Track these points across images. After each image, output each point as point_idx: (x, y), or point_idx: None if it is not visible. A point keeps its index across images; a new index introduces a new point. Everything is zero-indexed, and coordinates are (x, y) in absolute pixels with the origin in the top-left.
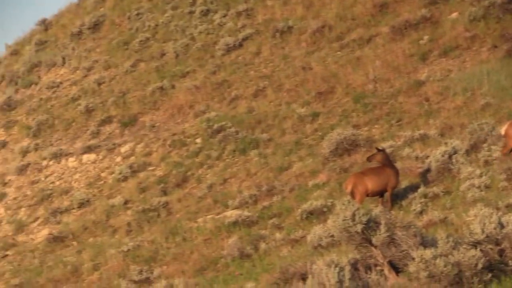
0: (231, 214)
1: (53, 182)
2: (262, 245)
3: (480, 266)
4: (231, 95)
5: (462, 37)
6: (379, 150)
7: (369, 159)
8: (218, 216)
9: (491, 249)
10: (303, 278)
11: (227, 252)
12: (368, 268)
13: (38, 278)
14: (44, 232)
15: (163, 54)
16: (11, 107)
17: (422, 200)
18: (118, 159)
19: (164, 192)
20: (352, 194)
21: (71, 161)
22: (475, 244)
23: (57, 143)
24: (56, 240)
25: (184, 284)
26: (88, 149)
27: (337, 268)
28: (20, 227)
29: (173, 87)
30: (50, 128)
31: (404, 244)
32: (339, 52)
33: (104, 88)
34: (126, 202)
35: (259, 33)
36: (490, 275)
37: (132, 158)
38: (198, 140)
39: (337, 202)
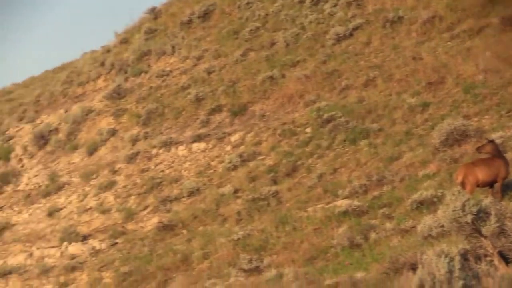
0: (341, 204)
1: (163, 171)
2: (372, 235)
3: None
4: (341, 85)
5: None
6: (489, 141)
7: (479, 149)
8: (328, 206)
9: None
10: (413, 268)
11: (337, 241)
12: (478, 258)
13: (148, 266)
14: (154, 220)
15: (273, 44)
16: (121, 96)
17: None
18: (228, 148)
19: (274, 181)
20: (463, 184)
21: (181, 150)
22: None
23: (166, 132)
24: (166, 228)
25: (294, 273)
26: (198, 138)
27: (447, 258)
28: (130, 215)
29: (283, 76)
30: (160, 116)
31: None
32: (449, 43)
33: (214, 77)
34: (236, 191)
35: (369, 23)
36: None
37: (242, 147)
38: (308, 130)
39: (447, 193)
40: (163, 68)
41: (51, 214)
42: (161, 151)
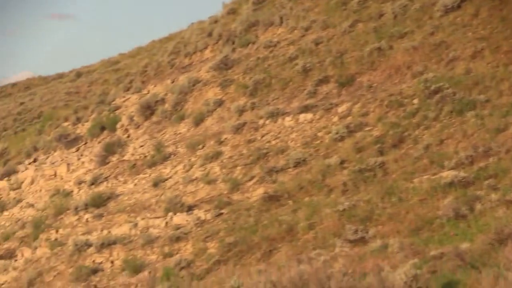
0: (447, 175)
1: (269, 141)
2: (478, 206)
3: None
4: (449, 56)
5: None
6: None
7: None
8: (434, 177)
9: None
10: None
11: (442, 212)
12: None
13: (253, 237)
14: (260, 191)
15: (381, 15)
16: (228, 66)
17: None
18: (335, 119)
19: (381, 152)
20: None
21: (288, 121)
22: None
23: (273, 103)
24: (272, 199)
25: (399, 244)
26: (305, 109)
27: None
28: (236, 186)
29: (391, 47)
30: (267, 87)
31: None
32: None
33: (322, 48)
34: (342, 162)
35: None
36: None
37: (349, 118)
38: (415, 101)
39: None
40: (270, 39)
41: (156, 184)
42: (267, 121)
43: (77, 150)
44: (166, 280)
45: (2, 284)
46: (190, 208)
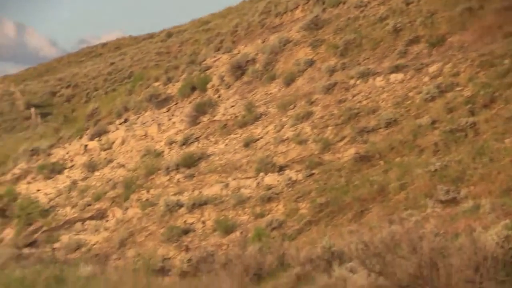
0: None
1: (360, 101)
2: None
3: None
4: None
5: None
6: None
7: None
8: None
9: None
10: None
11: None
12: None
13: (344, 197)
14: (351, 151)
15: None
16: (318, 26)
17: None
18: (426, 79)
19: (472, 113)
20: None
21: (379, 81)
22: None
23: (364, 63)
24: (363, 159)
25: (491, 205)
26: (396, 69)
27: None
28: (327, 146)
29: (481, 7)
30: (357, 47)
31: None
32: None
33: (413, 8)
34: (433, 122)
35: None
36: None
37: (440, 78)
38: (506, 61)
39: None
40: None
41: (247, 144)
42: (358, 81)
43: (167, 110)
44: (258, 240)
45: (94, 244)
46: (281, 169)
